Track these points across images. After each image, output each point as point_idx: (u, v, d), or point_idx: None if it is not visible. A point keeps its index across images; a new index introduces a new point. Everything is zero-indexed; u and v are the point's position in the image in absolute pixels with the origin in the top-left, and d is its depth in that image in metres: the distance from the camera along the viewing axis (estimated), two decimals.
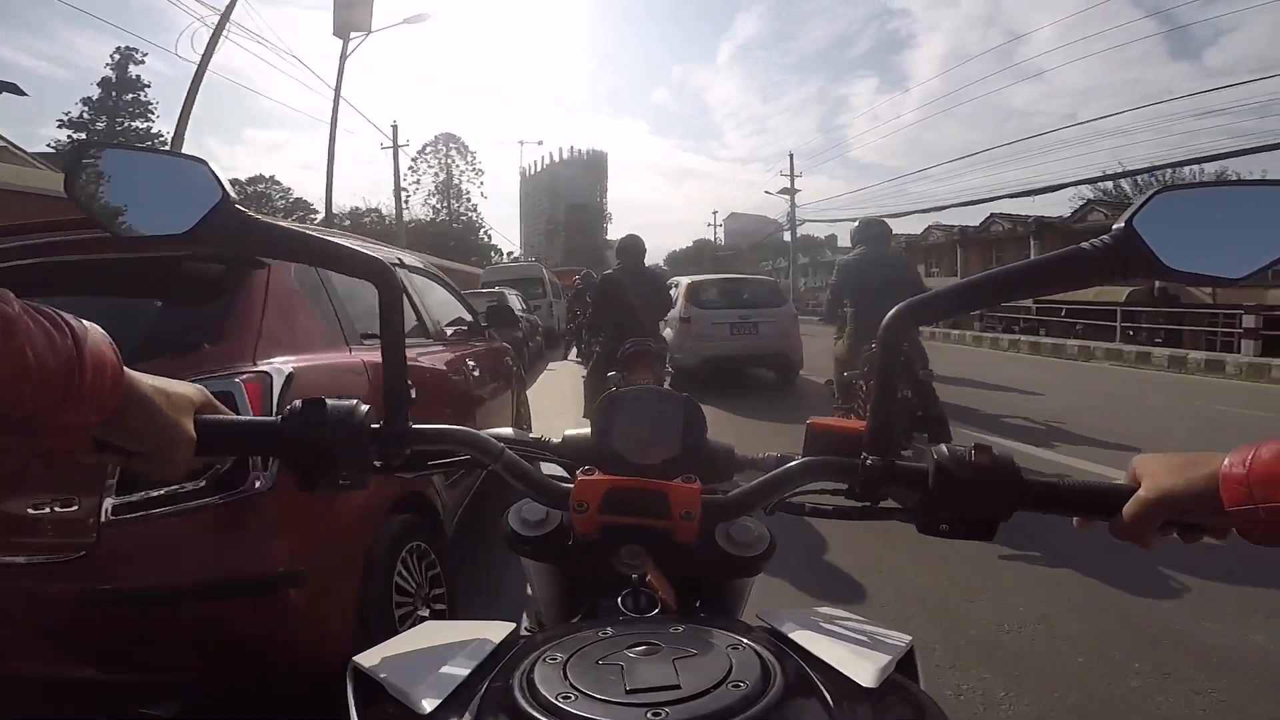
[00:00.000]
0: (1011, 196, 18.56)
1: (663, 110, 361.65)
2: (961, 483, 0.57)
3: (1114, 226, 0.54)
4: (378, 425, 0.62)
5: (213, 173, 0.59)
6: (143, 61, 34.66)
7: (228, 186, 0.59)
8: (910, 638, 0.55)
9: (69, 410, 0.46)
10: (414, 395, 0.65)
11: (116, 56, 34.05)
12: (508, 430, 0.73)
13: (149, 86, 35.33)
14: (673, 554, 0.61)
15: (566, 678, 0.43)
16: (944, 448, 0.59)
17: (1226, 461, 0.48)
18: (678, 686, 0.42)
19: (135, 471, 0.63)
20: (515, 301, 11.86)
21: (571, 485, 0.61)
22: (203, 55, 11.28)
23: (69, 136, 32.76)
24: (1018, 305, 18.47)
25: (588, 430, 0.71)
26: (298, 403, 0.60)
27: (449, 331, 3.30)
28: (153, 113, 35.27)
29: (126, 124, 34.42)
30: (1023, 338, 14.72)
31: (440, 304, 3.42)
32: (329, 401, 0.60)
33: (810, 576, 2.79)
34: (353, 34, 13.07)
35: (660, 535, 0.60)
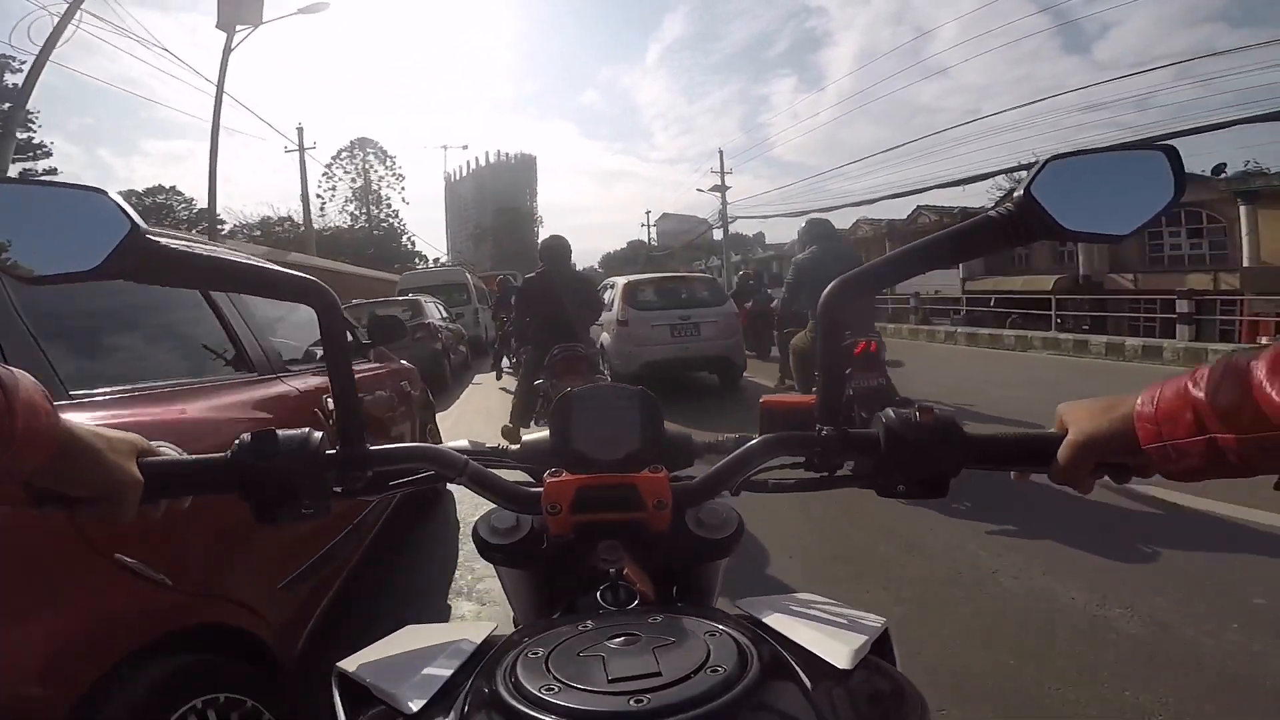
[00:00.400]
0: (941, 186, 19.09)
1: (592, 112, 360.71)
2: (910, 444, 0.59)
3: (1014, 194, 0.58)
4: (333, 451, 0.61)
5: (116, 203, 0.55)
6: (20, 69, 31.66)
7: (135, 216, 0.55)
8: (884, 619, 0.58)
9: (2, 458, 0.44)
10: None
11: None
12: (464, 442, 0.73)
13: (28, 95, 32.44)
14: (647, 545, 0.62)
15: (549, 671, 0.44)
16: (890, 412, 0.61)
17: (1139, 402, 0.51)
18: (658, 674, 0.42)
19: (84, 518, 0.61)
20: (435, 310, 10.78)
21: (539, 489, 0.62)
22: (44, 44, 10.18)
23: None
24: (950, 299, 18.87)
25: (545, 434, 0.72)
26: (246, 436, 0.59)
27: (290, 364, 2.30)
28: (34, 123, 32.73)
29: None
30: (959, 329, 14.67)
31: (299, 325, 2.58)
32: (280, 432, 0.59)
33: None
34: (240, 28, 11.65)
35: (634, 528, 0.62)
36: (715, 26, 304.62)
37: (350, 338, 2.89)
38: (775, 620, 0.55)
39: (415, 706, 0.46)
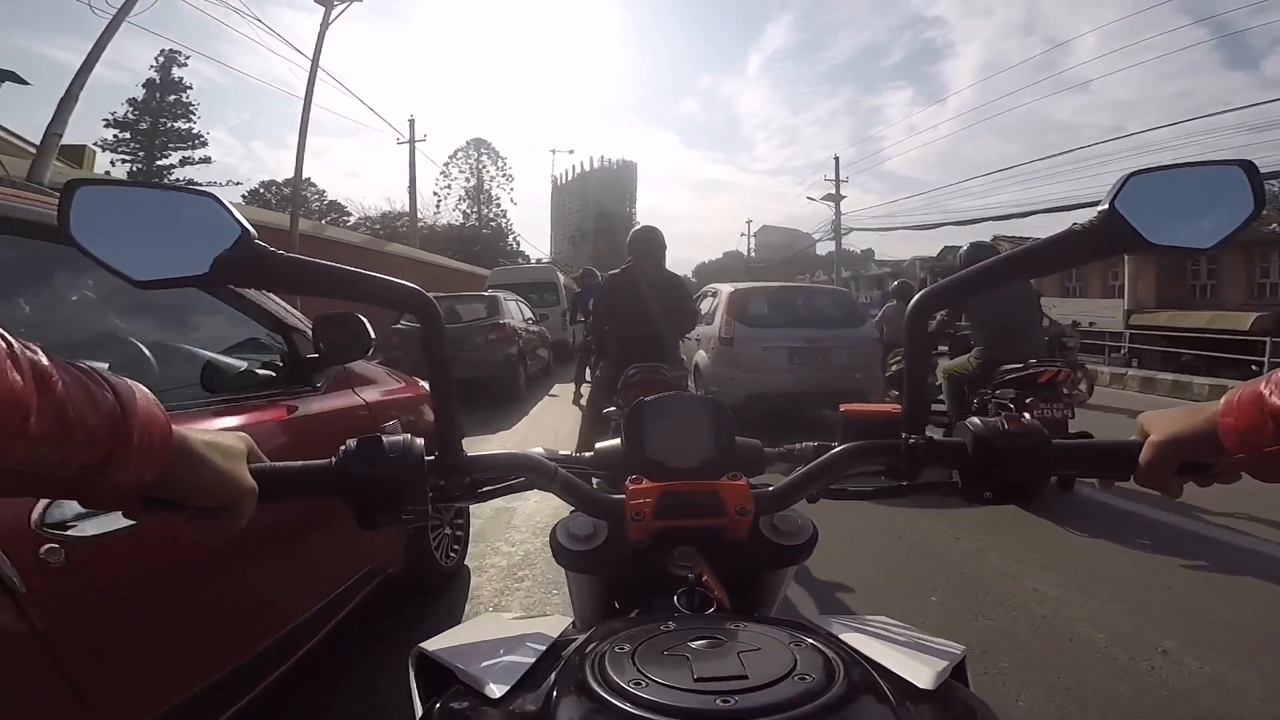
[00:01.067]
0: (1073, 208, 16.67)
1: (691, 121, 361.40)
2: (999, 451, 0.59)
3: (1098, 208, 0.58)
4: (432, 458, 0.62)
5: (225, 207, 0.56)
6: (185, 64, 35.02)
7: (245, 221, 0.56)
8: (963, 647, 0.58)
9: (117, 470, 0.44)
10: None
11: (160, 59, 34.48)
12: (539, 450, 0.71)
13: (190, 88, 35.89)
14: (723, 550, 0.63)
15: (635, 665, 0.44)
16: (977, 420, 0.62)
17: (1220, 409, 0.51)
18: (745, 677, 0.42)
19: (199, 524, 0.56)
20: (517, 309, 9.69)
21: (621, 496, 0.63)
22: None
23: (115, 135, 33.98)
24: (1109, 333, 16.09)
25: (617, 442, 0.72)
26: (352, 443, 0.60)
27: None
28: (194, 114, 35.74)
29: (169, 124, 35.16)
30: (1130, 372, 12.11)
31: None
32: (385, 439, 0.60)
33: None
34: (338, 2, 11.18)
35: (710, 534, 0.63)
36: (821, 36, 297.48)
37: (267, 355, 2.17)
38: (854, 639, 0.54)
39: (499, 692, 0.47)
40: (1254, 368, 12.78)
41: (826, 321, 6.34)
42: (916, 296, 0.65)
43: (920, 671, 0.49)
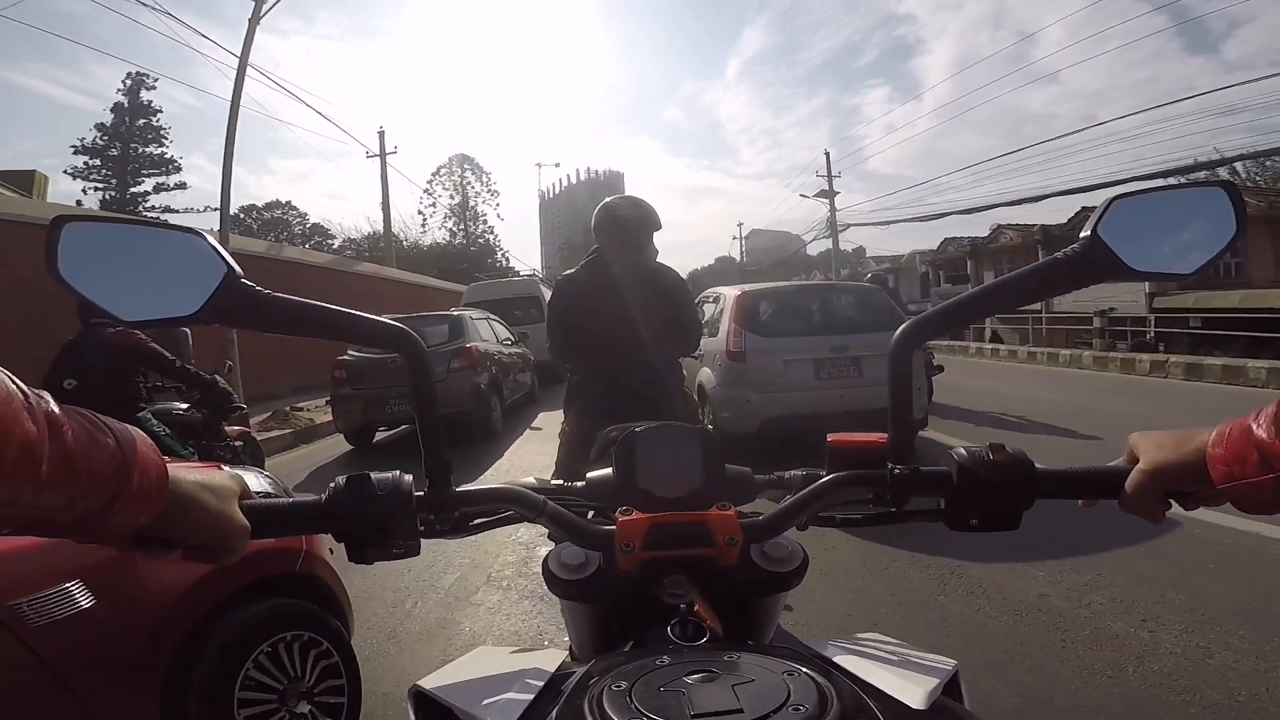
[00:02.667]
0: (1058, 195, 16.32)
1: (676, 129, 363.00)
2: (984, 480, 0.60)
3: (1081, 234, 0.60)
4: (421, 493, 0.62)
5: (212, 246, 0.57)
6: (154, 87, 33.32)
7: (231, 260, 0.57)
8: (955, 662, 0.60)
9: (118, 513, 0.46)
10: None
11: (128, 82, 32.80)
12: (531, 480, 0.74)
13: (160, 112, 34.04)
14: (714, 579, 0.63)
15: (633, 702, 0.44)
16: (963, 450, 0.63)
17: (1210, 441, 0.53)
18: (740, 710, 0.43)
19: (191, 560, 0.57)
20: (491, 329, 8.56)
21: (611, 527, 0.63)
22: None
23: (85, 162, 32.68)
24: (1133, 318, 15.14)
25: (608, 471, 0.72)
26: (341, 480, 0.60)
27: None
28: (166, 138, 34.33)
29: (140, 149, 33.38)
30: (1173, 359, 11.05)
31: None
32: (374, 475, 0.60)
33: None
34: None
35: (701, 563, 0.63)
36: (797, 38, 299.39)
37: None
38: (846, 661, 0.56)
39: None
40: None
41: (856, 325, 5.25)
42: (901, 328, 0.66)
43: (912, 691, 0.51)
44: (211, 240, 0.57)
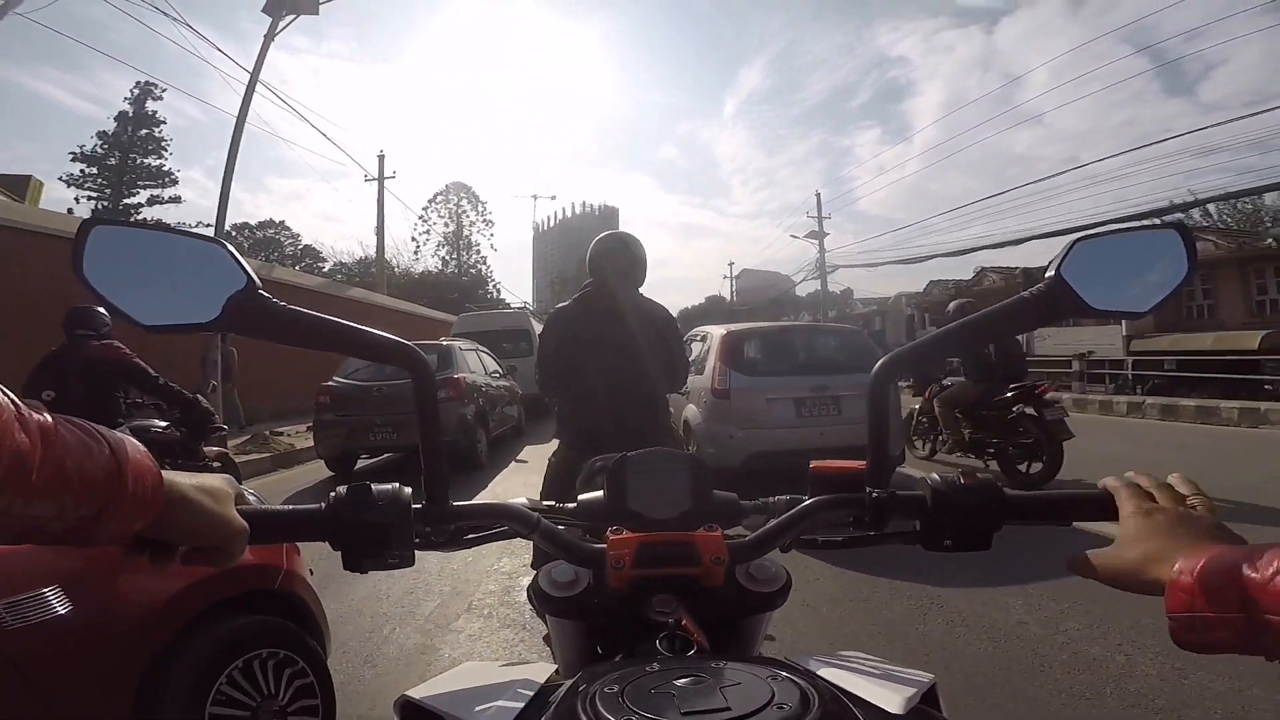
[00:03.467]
0: (1042, 237, 16.64)
1: (670, 166, 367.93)
2: (956, 503, 0.64)
3: (1046, 274, 0.64)
4: (419, 506, 0.64)
5: (233, 256, 0.58)
6: (161, 97, 32.86)
7: (251, 271, 0.58)
8: (933, 675, 0.62)
9: (112, 519, 0.47)
10: None
11: (136, 91, 32.44)
12: (523, 500, 0.74)
13: (164, 123, 33.59)
14: (701, 597, 0.66)
15: (626, 703, 0.46)
16: (935, 475, 0.66)
17: (1175, 569, 0.51)
18: (728, 709, 0.45)
19: (192, 563, 0.58)
20: (480, 360, 8.60)
21: (601, 545, 0.66)
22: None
23: (81, 170, 31.99)
24: (1110, 360, 15.43)
25: (599, 494, 0.74)
26: (342, 489, 0.61)
27: None
28: (166, 150, 33.68)
29: (139, 160, 32.81)
30: (1149, 400, 11.26)
31: None
32: (374, 487, 0.61)
33: None
34: (287, 15, 10.09)
35: (688, 582, 0.65)
36: (793, 78, 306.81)
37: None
38: (827, 672, 0.57)
39: None
40: (1267, 387, 12.07)
41: (836, 366, 5.40)
42: (880, 361, 0.69)
43: (891, 698, 0.53)
44: (233, 251, 0.58)
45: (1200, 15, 55.30)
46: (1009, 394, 5.30)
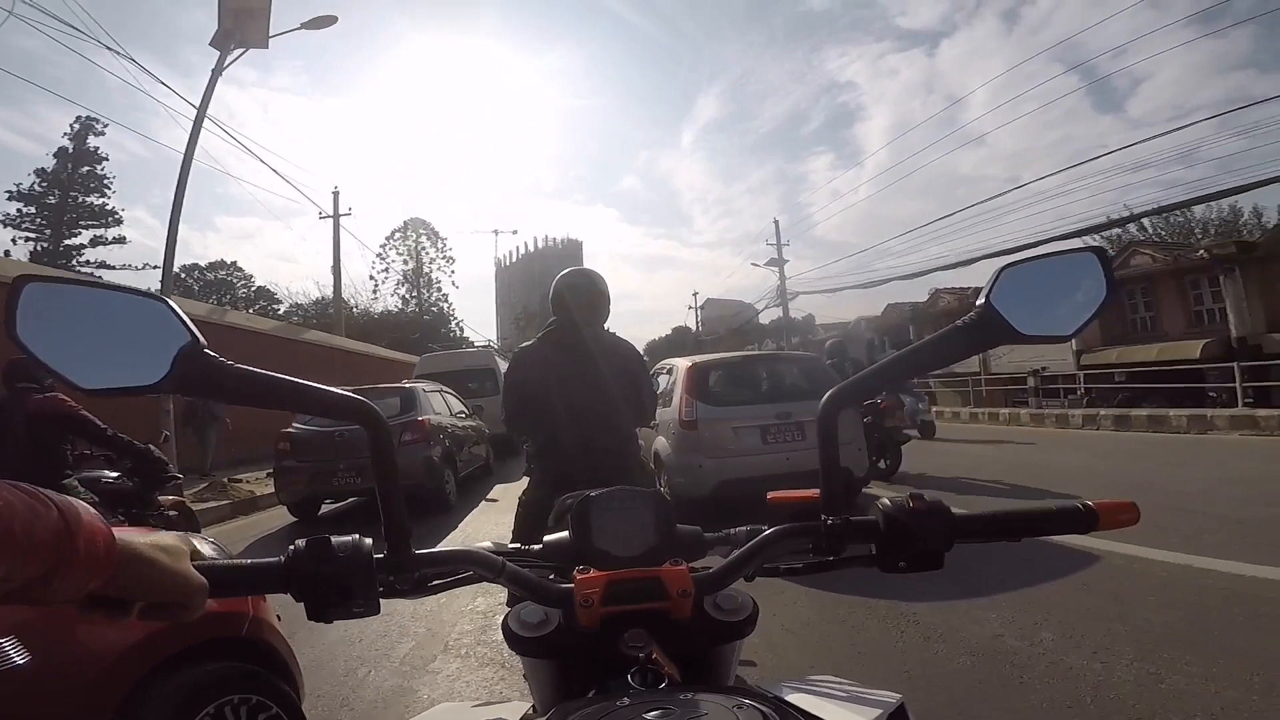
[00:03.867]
0: (992, 256, 17.20)
1: (633, 197, 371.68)
2: (906, 526, 0.67)
3: (977, 302, 0.67)
4: (381, 556, 0.64)
5: (176, 313, 0.56)
6: (103, 133, 31.79)
7: (194, 329, 0.56)
8: (900, 696, 0.65)
9: (63, 580, 0.47)
10: None
11: (76, 126, 31.17)
12: (488, 543, 0.77)
13: (107, 159, 32.33)
14: (671, 630, 0.66)
15: None
16: (887, 500, 0.69)
17: None
18: None
19: (149, 620, 0.58)
20: (444, 402, 8.48)
21: (569, 585, 0.66)
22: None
23: (19, 210, 30.42)
24: (1063, 375, 15.96)
25: (565, 534, 0.75)
26: (301, 542, 0.60)
27: None
28: (109, 188, 32.18)
29: (80, 199, 31.27)
30: (1103, 412, 11.65)
31: None
32: (334, 539, 0.61)
33: None
34: (235, 48, 9.91)
35: (657, 616, 0.66)
36: (747, 106, 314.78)
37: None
38: (795, 697, 0.59)
39: None
40: (1211, 395, 12.61)
41: (799, 393, 5.48)
42: (827, 394, 0.72)
43: None
44: (175, 307, 0.56)
45: (1125, 32, 59.11)
46: (863, 408, 6.34)
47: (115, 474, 3.71)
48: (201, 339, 0.56)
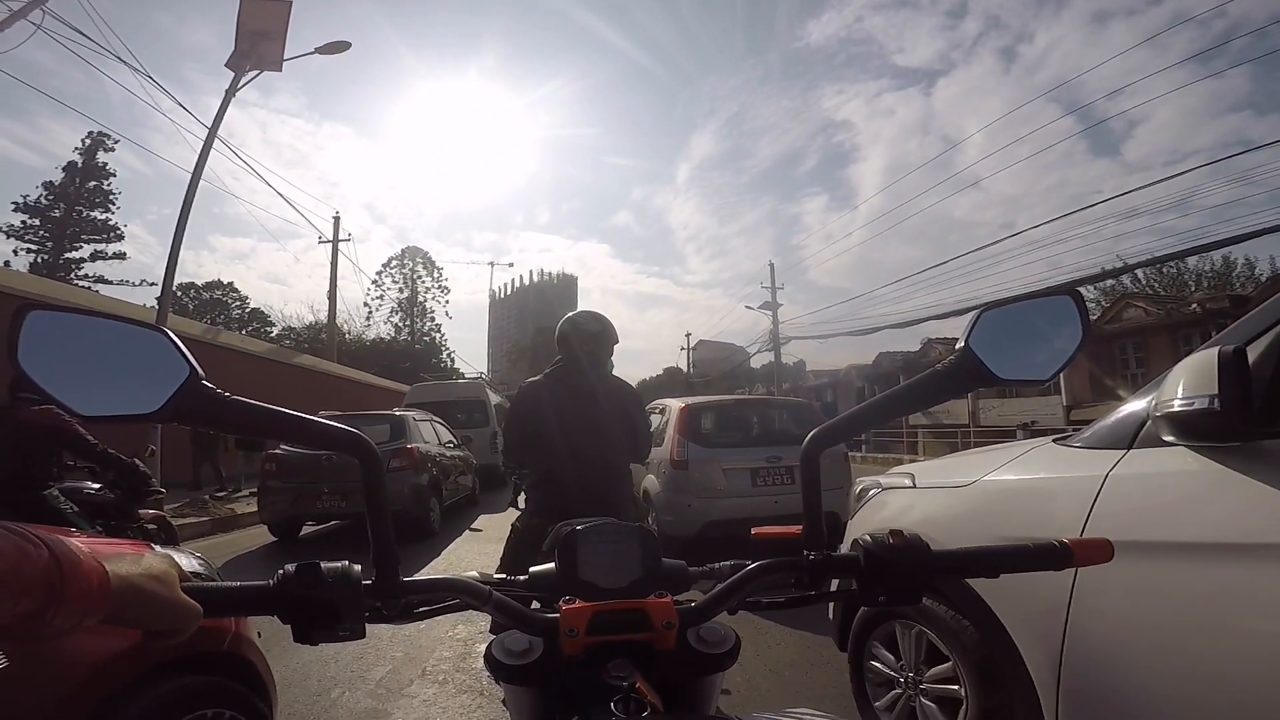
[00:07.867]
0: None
1: (626, 234, 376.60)
2: (887, 562, 0.69)
3: (957, 346, 0.69)
4: (369, 582, 0.65)
5: (175, 344, 0.58)
6: (113, 149, 32.05)
7: (193, 361, 0.58)
8: None
9: (59, 616, 0.47)
10: None
11: (87, 141, 31.44)
12: (474, 573, 0.77)
13: (114, 175, 32.45)
14: (655, 661, 0.68)
15: None
16: (867, 537, 0.71)
17: None
18: None
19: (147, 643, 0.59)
20: (434, 431, 8.47)
21: (554, 615, 0.67)
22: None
23: (23, 222, 30.52)
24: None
25: (551, 566, 0.75)
26: (290, 567, 0.62)
27: None
28: (114, 203, 32.37)
29: (84, 213, 31.46)
30: None
31: None
32: (323, 564, 0.62)
33: None
34: (250, 70, 9.99)
35: (641, 647, 0.67)
36: (742, 144, 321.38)
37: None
38: None
39: None
40: None
41: (789, 437, 5.53)
42: (809, 435, 0.74)
43: None
44: (175, 339, 0.58)
45: (1120, 73, 60.55)
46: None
47: (98, 485, 3.74)
48: (200, 370, 0.58)
